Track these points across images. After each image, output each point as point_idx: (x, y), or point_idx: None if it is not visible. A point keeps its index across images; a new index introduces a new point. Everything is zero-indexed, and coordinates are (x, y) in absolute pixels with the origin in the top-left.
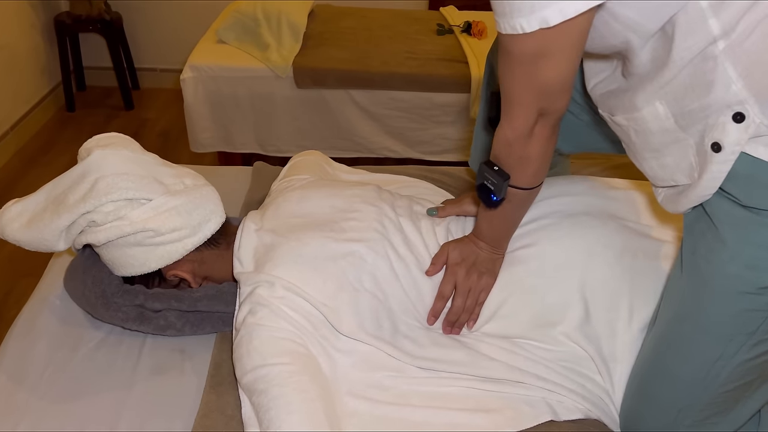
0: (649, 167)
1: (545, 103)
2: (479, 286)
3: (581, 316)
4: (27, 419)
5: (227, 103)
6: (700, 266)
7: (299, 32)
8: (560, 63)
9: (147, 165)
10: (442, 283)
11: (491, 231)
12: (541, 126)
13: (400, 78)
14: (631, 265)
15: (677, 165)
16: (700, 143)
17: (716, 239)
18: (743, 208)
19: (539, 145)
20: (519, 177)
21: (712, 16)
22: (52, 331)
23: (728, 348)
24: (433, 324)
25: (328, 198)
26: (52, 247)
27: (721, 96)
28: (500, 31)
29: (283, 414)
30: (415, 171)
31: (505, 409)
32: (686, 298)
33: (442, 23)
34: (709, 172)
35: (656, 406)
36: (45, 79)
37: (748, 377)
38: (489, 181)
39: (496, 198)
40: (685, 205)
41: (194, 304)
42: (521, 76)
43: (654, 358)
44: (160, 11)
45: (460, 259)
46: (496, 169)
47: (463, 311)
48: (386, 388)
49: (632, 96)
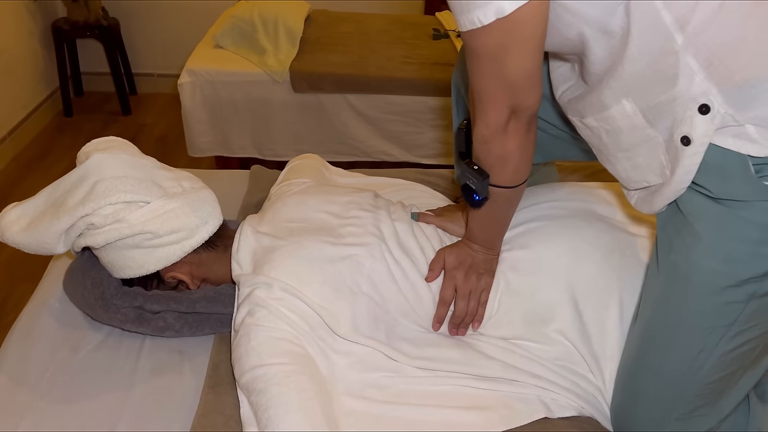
0: (623, 168)
1: (515, 98)
2: (479, 287)
3: (572, 315)
4: (27, 420)
5: (225, 108)
6: (677, 263)
7: (296, 37)
8: (522, 55)
9: (145, 168)
10: (443, 289)
11: (482, 232)
12: (515, 122)
13: (396, 82)
14: (619, 263)
15: (648, 164)
16: (669, 139)
17: (691, 235)
18: (716, 201)
19: (516, 141)
20: (499, 175)
21: (663, 8)
22: (52, 333)
23: (709, 340)
24: (438, 330)
25: (325, 204)
26: (52, 249)
27: (685, 88)
28: (461, 30)
29: (282, 413)
30: (412, 174)
31: (500, 407)
32: (665, 295)
33: (438, 28)
34: (681, 166)
35: (644, 401)
36: (43, 84)
37: (731, 368)
38: (471, 180)
39: (479, 198)
40: (660, 203)
41: (193, 305)
42: (487, 72)
43: (638, 355)
44: (157, 17)
45: (458, 263)
46: (476, 168)
47: (466, 313)
48: (383, 388)
49: (599, 95)
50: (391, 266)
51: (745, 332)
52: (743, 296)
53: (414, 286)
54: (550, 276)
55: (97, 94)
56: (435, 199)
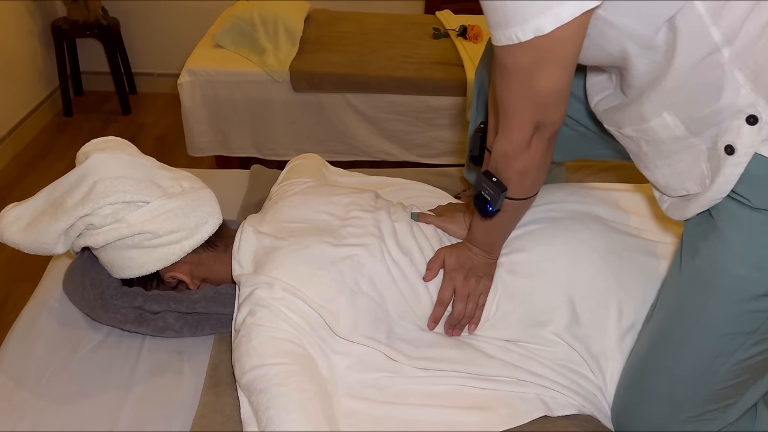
0: (662, 176)
1: (541, 115)
2: (478, 289)
3: (569, 317)
4: (27, 420)
5: (224, 108)
6: (702, 268)
7: (296, 37)
8: (555, 73)
9: (144, 168)
10: (441, 289)
11: (485, 237)
12: (538, 138)
13: (396, 82)
14: (617, 264)
15: (690, 171)
16: (713, 147)
17: (720, 241)
18: (753, 209)
19: (536, 157)
20: (516, 188)
21: (712, 24)
22: (52, 333)
23: (727, 347)
24: (433, 329)
25: (326, 205)
26: (51, 250)
27: (731, 101)
28: (495, 44)
29: (283, 413)
30: (412, 174)
31: (499, 406)
32: (686, 298)
33: (438, 27)
34: (722, 175)
35: (651, 400)
36: (42, 84)
37: (744, 375)
38: (486, 191)
39: (492, 209)
40: (693, 211)
41: (192, 305)
42: (517, 88)
43: (650, 355)
44: (157, 16)
45: (458, 265)
46: (494, 180)
47: (464, 315)
48: (383, 388)
49: (638, 108)
50: (391, 267)
51: (765, 342)
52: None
53: (413, 286)
54: (548, 279)
55: (97, 93)
56: (435, 198)
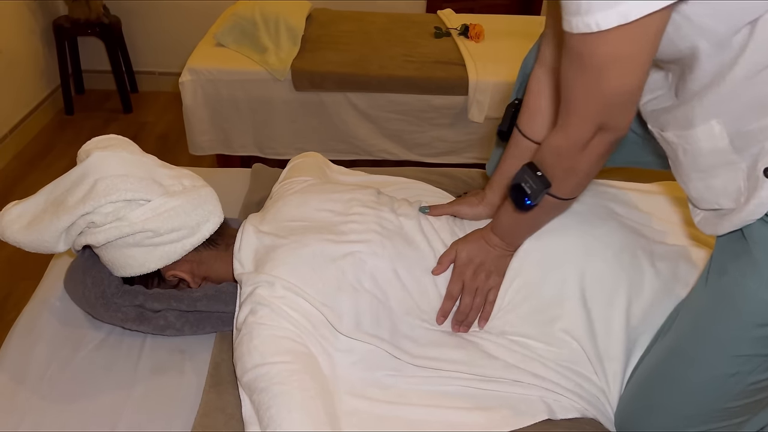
0: (694, 188)
1: (606, 116)
2: (487, 285)
3: (580, 312)
4: (28, 419)
5: (226, 106)
6: (729, 287)
7: (297, 35)
8: (630, 70)
9: (146, 166)
10: (450, 283)
11: (511, 229)
12: (598, 142)
13: (397, 81)
14: (630, 263)
15: (725, 188)
16: (752, 167)
17: (750, 263)
18: None
19: (590, 161)
20: (560, 187)
21: None
22: (53, 332)
23: (743, 367)
24: (442, 323)
25: (327, 202)
26: (52, 248)
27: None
28: (571, 31)
29: (284, 412)
30: (413, 173)
31: (502, 407)
32: (708, 315)
33: (440, 26)
34: (757, 197)
35: (660, 412)
36: (44, 82)
37: (757, 396)
38: (527, 184)
39: (530, 202)
40: (726, 228)
41: (193, 304)
42: (585, 83)
43: (664, 367)
44: (158, 15)
45: (468, 259)
46: (538, 174)
47: (471, 309)
48: (385, 387)
49: (688, 111)
50: (394, 262)
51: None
52: None
53: (419, 281)
54: (560, 271)
55: (98, 92)
56: (437, 197)
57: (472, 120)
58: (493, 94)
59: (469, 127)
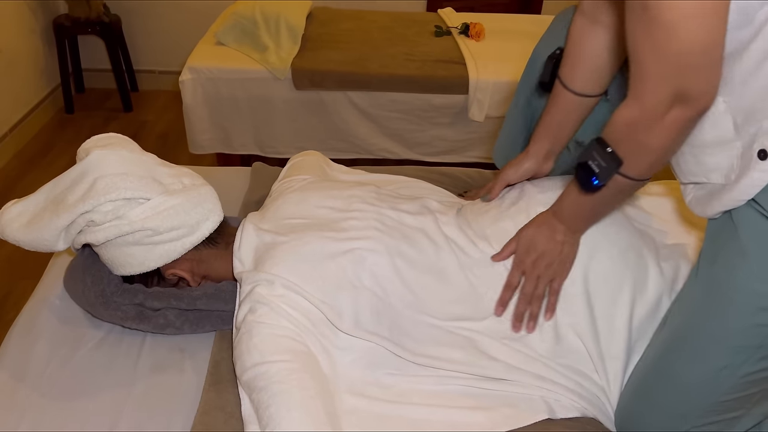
0: (684, 161)
1: (683, 80)
2: (548, 274)
3: (584, 309)
4: (28, 418)
5: (226, 105)
6: (719, 277)
7: (298, 34)
8: (706, 21)
9: (145, 165)
10: (510, 274)
11: (577, 214)
12: (678, 115)
13: (398, 80)
14: (635, 263)
15: (716, 164)
16: (748, 147)
17: (739, 252)
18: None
19: (669, 136)
20: (633, 165)
21: None
22: (53, 331)
23: (735, 359)
24: (501, 314)
25: (327, 199)
26: (52, 246)
27: None
28: None
29: (284, 411)
30: (414, 172)
31: (503, 407)
32: (699, 306)
33: (440, 25)
34: (748, 177)
35: (656, 408)
36: (44, 81)
37: (750, 389)
38: (596, 162)
39: (598, 183)
40: (715, 208)
41: (193, 302)
42: (656, 40)
43: (660, 362)
44: (158, 13)
45: (528, 248)
46: (608, 151)
47: (533, 298)
48: (386, 386)
49: None
50: (395, 258)
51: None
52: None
53: (419, 276)
54: None
55: (99, 90)
56: (438, 195)
57: (473, 119)
58: (494, 93)
59: (470, 126)
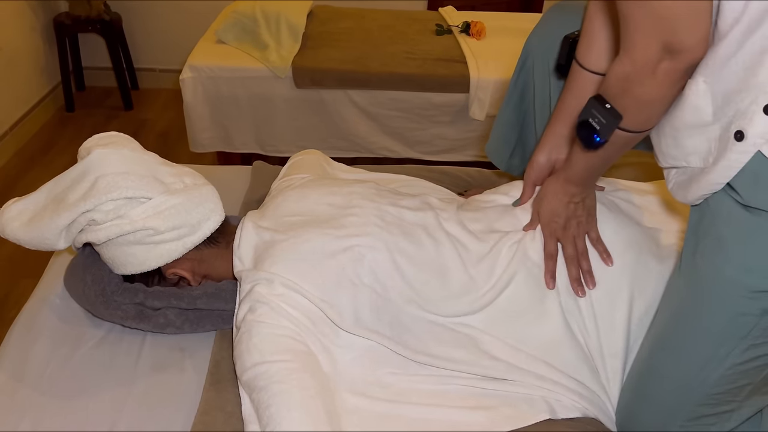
0: (665, 144)
1: (668, 33)
2: (581, 231)
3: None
4: (29, 417)
5: (226, 104)
6: (699, 266)
7: (298, 33)
8: None
9: (147, 164)
10: (546, 243)
11: (586, 171)
12: (668, 67)
13: (398, 78)
14: (634, 260)
15: (695, 147)
16: (725, 129)
17: (717, 241)
18: (744, 208)
19: (662, 88)
20: (632, 119)
21: None
22: (53, 330)
23: (719, 351)
24: (553, 287)
25: (327, 196)
26: (53, 245)
27: (763, 80)
28: None
29: (284, 411)
30: (414, 171)
31: (503, 407)
32: (682, 299)
33: (441, 23)
34: (725, 159)
35: (650, 404)
36: (44, 79)
37: (740, 381)
38: (596, 119)
39: (600, 139)
40: (695, 192)
41: (194, 302)
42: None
43: (650, 359)
44: (159, 12)
45: (551, 218)
46: (607, 107)
47: (577, 255)
48: (386, 386)
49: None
50: (395, 254)
51: (758, 347)
52: (758, 309)
53: (419, 272)
54: None
55: (99, 89)
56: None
57: (473, 118)
58: (494, 91)
59: (470, 124)
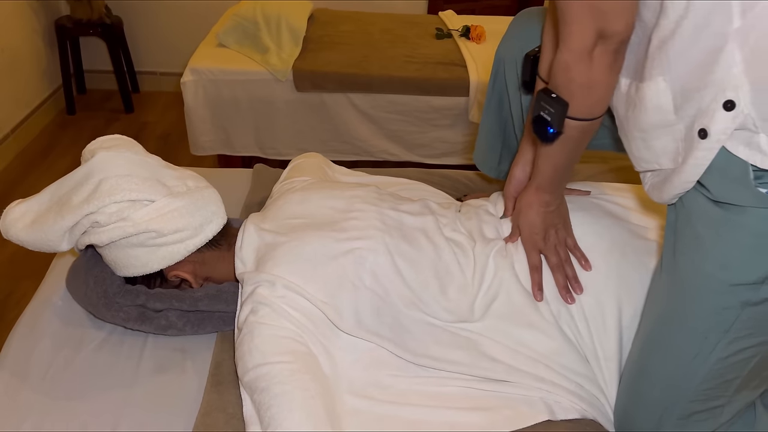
0: (636, 147)
1: (601, 21)
2: (560, 238)
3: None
4: (30, 418)
5: (227, 107)
6: (679, 265)
7: (299, 36)
8: None
9: (150, 167)
10: (529, 257)
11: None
12: (602, 51)
13: (399, 81)
14: (619, 261)
15: (663, 149)
16: (690, 128)
17: (694, 238)
18: (715, 204)
19: (600, 70)
20: (579, 105)
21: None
22: (55, 331)
23: (704, 346)
24: (541, 299)
25: (328, 199)
26: (56, 247)
27: (720, 77)
28: None
29: (285, 412)
30: (414, 174)
31: (503, 408)
32: (665, 297)
33: (441, 27)
34: (693, 158)
35: (643, 405)
36: (45, 82)
37: (728, 375)
38: (546, 111)
39: (553, 130)
40: (669, 192)
41: (195, 303)
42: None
43: (639, 358)
44: (160, 15)
45: (531, 231)
46: (554, 96)
47: (562, 263)
48: (386, 387)
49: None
50: (395, 258)
51: (741, 340)
52: (737, 303)
53: (419, 275)
54: None
55: (100, 92)
56: (438, 197)
57: (473, 121)
58: None
59: (470, 128)
